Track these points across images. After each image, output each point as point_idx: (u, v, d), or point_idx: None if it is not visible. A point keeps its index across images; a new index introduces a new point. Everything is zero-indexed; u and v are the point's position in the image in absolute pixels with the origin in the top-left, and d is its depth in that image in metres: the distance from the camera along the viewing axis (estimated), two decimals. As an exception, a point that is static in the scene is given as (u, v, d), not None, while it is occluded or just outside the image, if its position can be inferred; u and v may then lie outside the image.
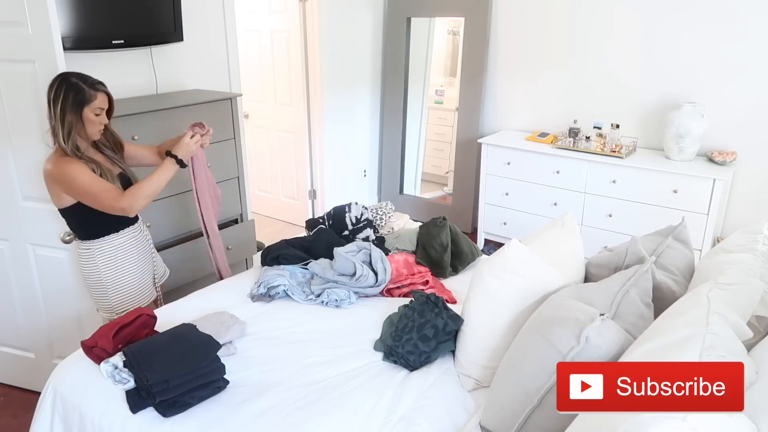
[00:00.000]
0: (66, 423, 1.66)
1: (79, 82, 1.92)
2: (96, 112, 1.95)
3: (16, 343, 2.53)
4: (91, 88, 1.93)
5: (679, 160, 3.35)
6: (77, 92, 1.91)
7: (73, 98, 1.90)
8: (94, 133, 1.99)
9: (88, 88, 1.92)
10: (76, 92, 1.91)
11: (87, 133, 1.98)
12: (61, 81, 1.91)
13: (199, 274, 2.79)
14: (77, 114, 1.92)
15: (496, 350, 1.63)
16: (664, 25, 3.46)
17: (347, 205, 2.60)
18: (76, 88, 1.91)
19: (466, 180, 4.36)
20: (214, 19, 3.24)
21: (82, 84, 1.92)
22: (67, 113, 1.91)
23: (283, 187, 4.60)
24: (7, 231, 2.32)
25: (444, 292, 2.20)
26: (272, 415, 1.53)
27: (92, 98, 1.93)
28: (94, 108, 1.94)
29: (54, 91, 1.91)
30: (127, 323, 1.74)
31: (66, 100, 1.90)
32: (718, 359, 1.06)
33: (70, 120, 1.91)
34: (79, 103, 1.91)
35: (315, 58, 4.05)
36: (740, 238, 1.78)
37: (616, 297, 1.46)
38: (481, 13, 4.05)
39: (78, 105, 1.91)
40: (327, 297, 2.09)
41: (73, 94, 1.90)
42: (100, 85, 1.97)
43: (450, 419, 1.56)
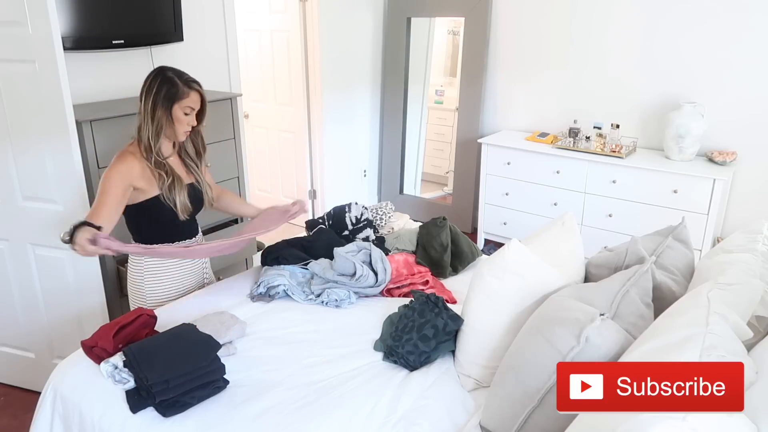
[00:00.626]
0: (66, 423, 1.66)
1: (175, 77, 1.87)
2: (186, 111, 1.89)
3: (16, 343, 2.53)
4: (185, 84, 1.88)
5: (679, 160, 3.35)
6: (171, 86, 1.85)
7: (166, 92, 1.85)
8: (180, 133, 1.93)
9: (183, 84, 1.87)
10: (169, 86, 1.85)
11: (174, 132, 1.91)
12: (157, 74, 1.87)
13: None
14: (168, 110, 1.86)
15: (496, 350, 1.63)
16: (665, 25, 3.46)
17: (347, 205, 2.60)
18: (171, 82, 1.86)
19: (466, 180, 4.36)
20: (214, 19, 3.24)
21: (177, 79, 1.87)
22: (158, 108, 1.85)
23: (283, 187, 4.60)
24: (7, 231, 2.32)
25: (444, 292, 2.20)
26: (272, 415, 1.53)
27: (184, 95, 1.87)
28: (184, 105, 1.88)
29: (148, 83, 1.87)
30: (128, 323, 1.74)
31: (158, 93, 1.85)
32: (718, 359, 1.06)
33: (160, 115, 1.86)
34: (170, 99, 1.85)
35: (315, 58, 4.05)
36: (740, 238, 1.78)
37: (616, 297, 1.46)
38: (481, 13, 4.05)
39: (169, 100, 1.86)
40: (327, 297, 2.09)
41: (167, 87, 1.85)
42: (196, 84, 1.91)
43: (450, 419, 1.55)
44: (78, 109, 2.43)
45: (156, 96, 1.85)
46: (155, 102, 1.85)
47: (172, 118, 1.89)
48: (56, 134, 2.08)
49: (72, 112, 2.07)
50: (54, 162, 2.13)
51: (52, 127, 2.08)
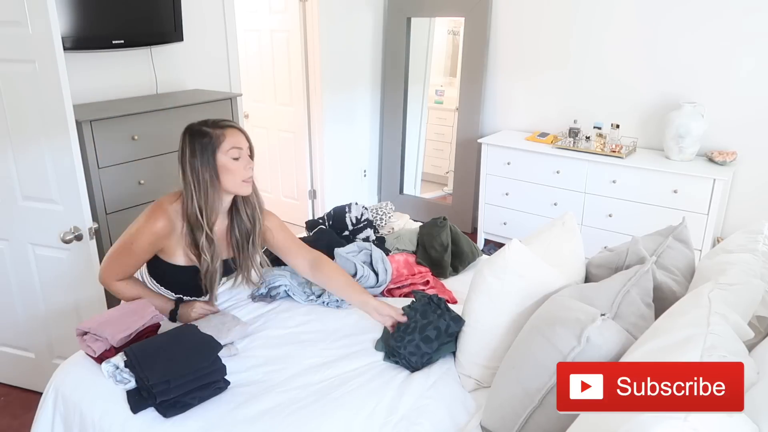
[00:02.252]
0: (67, 423, 1.66)
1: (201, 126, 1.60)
2: (233, 155, 1.57)
3: (16, 343, 2.53)
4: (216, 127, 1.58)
5: (679, 160, 3.35)
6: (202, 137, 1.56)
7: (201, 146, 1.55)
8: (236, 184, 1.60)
9: (213, 128, 1.58)
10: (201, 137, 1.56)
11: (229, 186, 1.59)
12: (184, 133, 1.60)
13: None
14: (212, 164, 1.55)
15: (497, 350, 1.63)
16: (665, 25, 3.46)
17: (347, 206, 2.60)
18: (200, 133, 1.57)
19: (466, 180, 4.36)
20: (214, 19, 3.24)
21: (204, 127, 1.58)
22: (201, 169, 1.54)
23: (283, 187, 4.60)
24: (7, 231, 2.32)
25: (444, 292, 2.20)
26: (273, 416, 1.53)
27: (222, 138, 1.57)
28: (227, 149, 1.56)
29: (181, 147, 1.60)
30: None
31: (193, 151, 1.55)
32: (719, 359, 1.06)
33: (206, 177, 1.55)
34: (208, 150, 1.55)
35: (315, 58, 4.06)
36: (740, 238, 1.78)
37: (616, 297, 1.46)
38: (481, 13, 4.05)
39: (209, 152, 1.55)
40: (328, 297, 2.09)
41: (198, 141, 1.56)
42: (227, 122, 1.63)
43: (451, 419, 1.56)
44: (78, 109, 2.43)
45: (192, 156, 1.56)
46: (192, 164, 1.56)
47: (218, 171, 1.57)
48: (56, 134, 2.08)
49: (72, 112, 2.07)
50: (54, 162, 2.13)
51: (52, 127, 2.08)
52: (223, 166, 1.57)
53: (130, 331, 1.71)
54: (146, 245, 1.70)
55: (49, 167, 2.14)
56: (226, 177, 1.59)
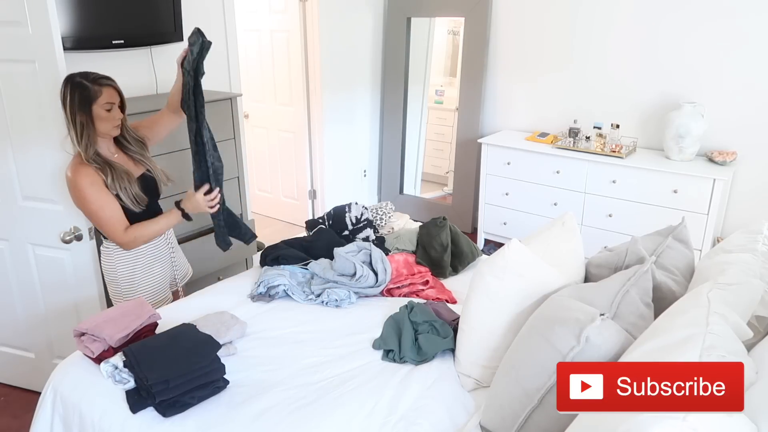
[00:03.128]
0: (66, 423, 1.66)
1: (83, 80, 1.90)
2: (106, 108, 1.92)
3: (16, 343, 2.53)
4: (94, 83, 1.90)
5: (679, 160, 3.35)
6: (82, 90, 1.88)
7: (79, 97, 1.88)
8: (108, 129, 1.96)
9: (92, 84, 1.90)
10: (81, 90, 1.88)
11: (102, 131, 1.94)
12: (66, 82, 1.90)
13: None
14: (87, 113, 1.89)
15: (497, 350, 1.63)
16: (665, 25, 3.46)
17: (347, 205, 2.60)
18: (80, 86, 1.89)
19: (466, 180, 4.36)
20: (214, 19, 3.24)
21: (86, 81, 1.89)
22: (77, 114, 1.88)
23: (283, 187, 4.60)
24: (7, 231, 2.32)
25: (444, 292, 2.20)
26: (272, 415, 1.53)
27: (98, 94, 1.90)
28: (102, 104, 1.90)
29: (62, 94, 1.90)
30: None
31: (73, 100, 1.88)
32: (718, 359, 1.06)
33: (81, 120, 1.89)
34: (86, 101, 1.88)
35: (315, 58, 4.06)
36: (740, 238, 1.78)
37: (616, 297, 1.46)
38: (481, 13, 4.05)
39: (86, 103, 1.88)
40: (327, 297, 2.09)
41: (78, 92, 1.88)
42: (105, 80, 1.94)
43: (450, 419, 1.56)
44: (78, 109, 2.43)
45: (71, 103, 1.88)
46: (73, 109, 1.88)
47: (94, 119, 1.91)
48: (56, 134, 2.08)
49: (72, 112, 2.07)
50: (54, 162, 2.13)
51: (52, 127, 2.08)
52: (96, 115, 1.91)
53: (128, 331, 1.71)
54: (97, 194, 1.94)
55: (49, 167, 2.14)
56: (99, 124, 1.93)
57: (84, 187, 1.91)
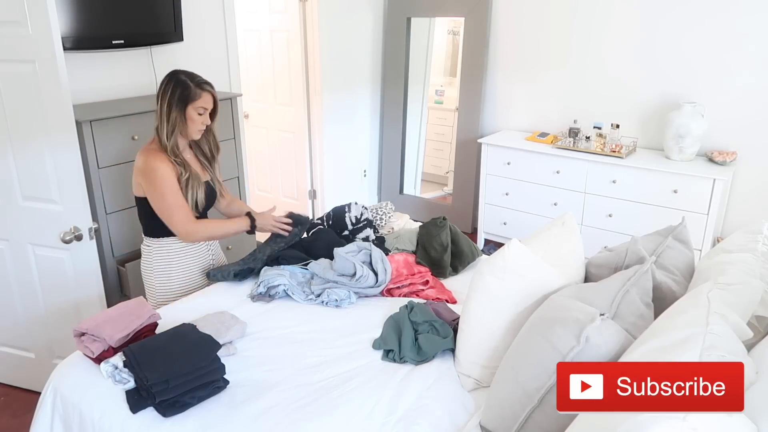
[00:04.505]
0: (66, 423, 1.66)
1: (187, 79, 1.98)
2: (199, 111, 2.01)
3: (16, 343, 2.53)
4: (197, 86, 1.99)
5: (679, 160, 3.35)
6: (183, 89, 1.97)
7: (180, 94, 1.96)
8: (194, 131, 2.04)
9: (195, 86, 1.98)
10: (182, 89, 1.97)
11: (188, 131, 2.03)
12: (170, 77, 1.99)
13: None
14: (182, 111, 1.98)
15: (496, 350, 1.63)
16: (665, 25, 3.46)
17: (347, 205, 2.60)
18: (183, 84, 1.97)
19: (466, 180, 4.36)
20: (214, 19, 3.24)
21: (189, 81, 1.98)
22: (173, 109, 1.97)
23: (283, 187, 4.60)
24: (7, 231, 2.32)
25: (444, 292, 2.20)
26: (272, 415, 1.53)
27: (197, 96, 1.98)
28: (197, 106, 1.99)
29: (163, 87, 1.99)
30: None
31: (173, 96, 1.96)
32: (718, 359, 1.06)
33: (174, 116, 1.97)
34: (184, 100, 1.97)
35: (315, 58, 4.06)
36: (740, 238, 1.78)
37: (616, 297, 1.46)
38: (481, 13, 4.05)
39: (183, 102, 1.97)
40: (327, 297, 2.09)
41: (180, 90, 1.97)
42: (207, 85, 2.02)
43: (450, 419, 1.55)
44: (78, 109, 2.43)
45: (171, 98, 1.96)
46: (170, 104, 1.97)
47: (186, 119, 2.00)
48: (56, 134, 2.08)
49: (72, 112, 2.07)
50: (54, 162, 2.13)
51: (52, 127, 2.08)
52: (189, 115, 2.00)
53: (128, 331, 1.71)
54: (171, 180, 2.01)
55: (49, 167, 2.14)
56: (188, 123, 2.02)
57: (161, 171, 1.98)
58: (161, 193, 2.00)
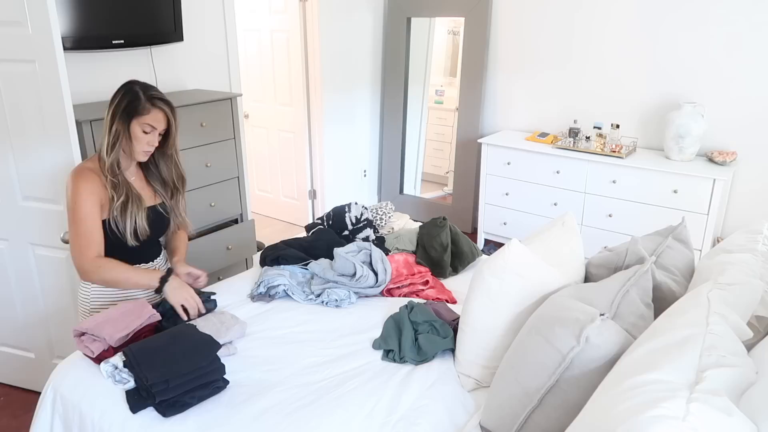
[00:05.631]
0: (66, 423, 1.66)
1: (140, 91, 1.78)
2: (145, 129, 1.78)
3: (16, 343, 2.54)
4: (148, 100, 1.77)
5: (679, 160, 3.35)
6: (132, 100, 1.76)
7: (126, 106, 1.76)
8: (137, 152, 1.81)
9: (145, 100, 1.77)
10: (131, 100, 1.77)
11: (132, 149, 1.81)
12: (124, 86, 1.80)
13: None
14: (125, 124, 1.77)
15: (496, 350, 1.63)
16: (665, 26, 3.46)
17: (347, 205, 2.60)
18: (134, 95, 1.77)
19: (466, 180, 4.36)
20: (214, 19, 3.24)
21: (142, 93, 1.77)
22: (116, 121, 1.76)
23: (283, 187, 4.60)
24: (7, 231, 2.32)
25: (444, 292, 2.20)
26: (272, 415, 1.53)
27: (144, 111, 1.77)
28: (143, 122, 1.77)
29: (114, 95, 1.80)
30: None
31: (119, 106, 1.77)
32: (718, 359, 1.06)
33: (117, 129, 1.77)
34: (129, 113, 1.76)
35: (315, 58, 4.06)
36: (740, 238, 1.78)
37: (616, 297, 1.46)
38: (481, 13, 4.05)
39: (128, 114, 1.76)
40: (327, 297, 2.09)
41: (128, 101, 1.77)
42: (161, 102, 1.80)
43: (450, 419, 1.56)
44: (78, 109, 2.44)
45: (116, 108, 1.77)
46: (115, 114, 1.77)
47: (130, 134, 1.78)
48: (56, 134, 2.08)
49: (72, 112, 2.07)
50: (54, 162, 2.13)
51: (52, 127, 2.08)
52: (133, 131, 1.79)
53: (128, 331, 1.71)
54: (90, 206, 1.78)
55: (49, 167, 2.14)
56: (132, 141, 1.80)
57: (81, 190, 1.76)
58: (73, 219, 1.77)
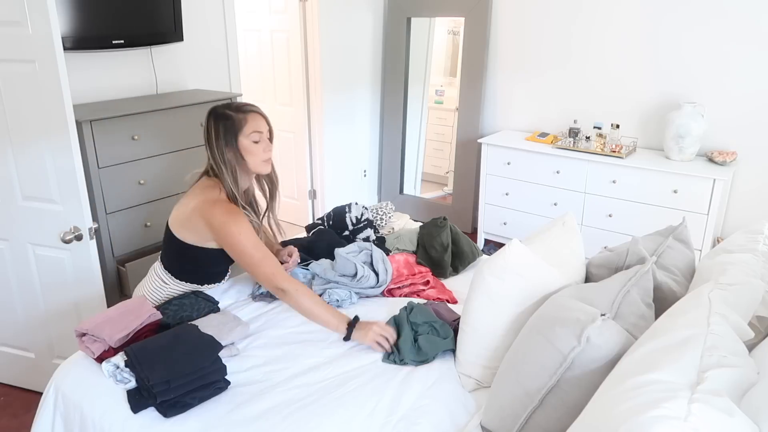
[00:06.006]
0: (67, 422, 1.66)
1: (226, 110, 1.73)
2: (254, 139, 1.73)
3: (16, 343, 2.53)
4: (239, 112, 1.72)
5: (679, 160, 3.35)
6: (225, 122, 1.70)
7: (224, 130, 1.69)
8: (257, 164, 1.76)
9: (236, 113, 1.72)
10: (223, 122, 1.70)
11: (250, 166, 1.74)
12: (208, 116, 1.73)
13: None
14: (233, 147, 1.70)
15: (497, 350, 1.63)
16: (665, 25, 3.46)
17: (347, 206, 2.60)
18: (224, 117, 1.71)
19: (466, 180, 4.36)
20: (214, 19, 3.24)
21: (229, 111, 1.72)
22: (225, 149, 1.68)
23: (283, 187, 4.58)
24: (7, 231, 2.32)
25: (444, 292, 2.20)
26: (273, 416, 1.53)
27: (243, 123, 1.71)
28: (248, 134, 1.71)
29: (206, 129, 1.73)
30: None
31: (218, 134, 1.68)
32: (719, 359, 1.06)
33: (229, 158, 1.69)
34: (231, 134, 1.69)
35: (315, 58, 4.06)
36: (741, 238, 1.78)
37: (617, 297, 1.46)
38: (481, 13, 4.05)
39: (231, 136, 1.69)
40: (328, 297, 2.09)
41: (222, 125, 1.70)
42: (248, 106, 1.77)
43: (451, 419, 1.55)
44: (78, 109, 2.44)
45: (217, 139, 1.69)
46: (219, 145, 1.69)
47: (242, 154, 1.72)
48: (56, 134, 2.08)
49: (72, 112, 2.07)
50: (54, 162, 2.13)
51: (52, 127, 2.08)
52: (245, 148, 1.71)
53: (128, 331, 1.71)
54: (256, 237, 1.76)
55: (49, 167, 2.14)
56: (248, 158, 1.73)
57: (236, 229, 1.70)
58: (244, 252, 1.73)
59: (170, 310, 1.92)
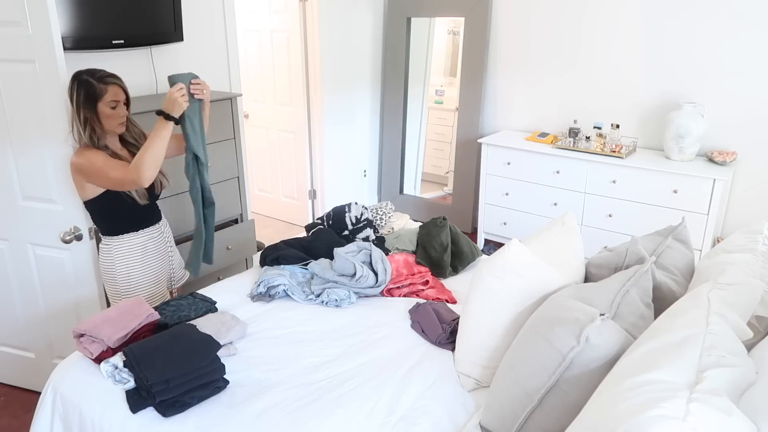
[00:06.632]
0: (66, 422, 1.66)
1: (89, 78, 1.94)
2: (111, 105, 1.96)
3: (16, 342, 2.54)
4: (100, 82, 1.95)
5: (679, 160, 3.35)
6: (87, 88, 1.93)
7: (85, 95, 1.93)
8: (114, 126, 2.00)
9: (98, 83, 1.94)
10: (86, 88, 1.93)
11: (106, 128, 1.99)
12: (73, 79, 1.95)
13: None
14: (92, 110, 1.94)
15: (497, 350, 1.63)
16: (665, 26, 3.46)
17: (347, 205, 2.60)
18: (86, 84, 1.93)
19: (466, 180, 4.36)
20: (214, 19, 3.24)
21: (92, 79, 1.94)
22: (82, 110, 1.93)
23: (283, 187, 4.60)
24: (7, 231, 2.32)
25: (444, 292, 2.20)
26: (272, 415, 1.53)
27: (103, 92, 1.94)
28: (107, 102, 1.95)
29: (69, 91, 1.95)
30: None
31: (79, 97, 1.93)
32: (718, 359, 1.06)
33: (86, 116, 1.94)
34: (91, 99, 1.93)
35: (315, 58, 4.06)
36: (740, 238, 1.78)
37: (616, 297, 1.46)
38: (481, 13, 4.05)
39: (91, 101, 1.93)
40: (327, 297, 2.09)
41: (83, 90, 1.93)
42: (111, 78, 1.98)
43: (450, 419, 1.56)
44: (78, 109, 2.43)
45: (77, 100, 1.93)
46: (78, 106, 1.93)
47: (98, 117, 1.96)
48: (56, 134, 2.08)
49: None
50: (54, 162, 2.13)
51: (52, 127, 2.08)
52: (102, 112, 1.96)
53: (126, 331, 1.71)
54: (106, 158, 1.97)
55: (49, 167, 2.14)
56: (104, 120, 1.98)
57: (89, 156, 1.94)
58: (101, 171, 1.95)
59: (168, 310, 1.92)
